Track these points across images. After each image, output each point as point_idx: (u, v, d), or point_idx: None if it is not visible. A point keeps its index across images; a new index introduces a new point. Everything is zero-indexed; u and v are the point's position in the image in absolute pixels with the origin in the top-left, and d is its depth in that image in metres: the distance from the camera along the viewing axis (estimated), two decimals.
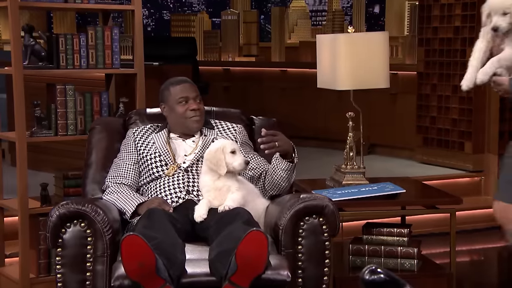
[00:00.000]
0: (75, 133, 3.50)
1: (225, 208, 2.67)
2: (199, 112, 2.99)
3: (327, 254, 2.70)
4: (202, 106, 3.04)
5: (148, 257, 2.32)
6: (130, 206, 2.76)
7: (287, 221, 2.68)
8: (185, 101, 2.99)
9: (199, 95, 3.04)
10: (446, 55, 5.77)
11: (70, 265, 2.60)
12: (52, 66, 3.47)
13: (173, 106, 3.01)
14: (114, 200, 2.80)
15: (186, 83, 3.04)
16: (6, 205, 3.52)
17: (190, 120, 2.98)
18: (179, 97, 2.99)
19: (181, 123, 3.00)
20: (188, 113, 2.98)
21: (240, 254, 2.36)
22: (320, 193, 3.01)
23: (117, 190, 2.84)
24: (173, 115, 3.02)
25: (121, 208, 2.77)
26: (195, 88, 3.05)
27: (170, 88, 3.03)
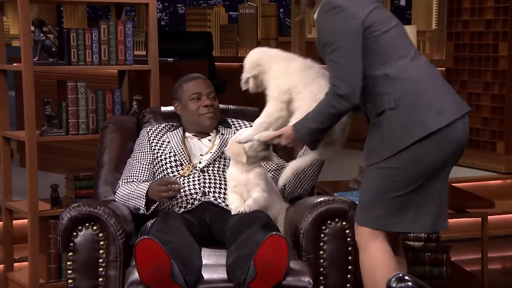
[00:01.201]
0: (86, 132, 3.52)
1: (243, 211, 2.67)
2: (212, 109, 3.00)
3: (351, 259, 2.70)
4: (216, 102, 3.05)
5: (164, 262, 2.33)
6: (139, 200, 2.76)
7: (309, 225, 2.69)
8: (198, 97, 3.01)
9: (213, 91, 3.06)
10: (477, 50, 5.73)
11: (81, 270, 2.63)
12: (63, 62, 3.50)
13: (186, 104, 3.03)
14: (124, 201, 2.82)
15: (199, 79, 3.06)
16: (15, 207, 3.56)
17: (203, 117, 3.00)
18: (191, 93, 3.01)
19: (195, 121, 3.02)
20: (201, 109, 3.00)
21: (259, 260, 2.36)
22: (343, 195, 3.01)
23: (124, 189, 2.85)
24: (186, 113, 3.04)
25: (134, 206, 2.79)
26: (208, 84, 3.07)
27: (183, 85, 3.05)
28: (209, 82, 3.09)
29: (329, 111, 2.44)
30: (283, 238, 2.38)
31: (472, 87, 5.76)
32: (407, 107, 2.38)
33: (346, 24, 2.39)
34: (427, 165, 2.40)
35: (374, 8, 2.45)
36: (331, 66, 2.43)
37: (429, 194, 2.44)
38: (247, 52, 2.84)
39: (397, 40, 2.47)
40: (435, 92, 2.42)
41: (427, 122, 2.37)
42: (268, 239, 2.37)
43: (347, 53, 2.38)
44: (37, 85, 3.44)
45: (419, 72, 2.44)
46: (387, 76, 2.41)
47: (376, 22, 2.43)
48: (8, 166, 3.60)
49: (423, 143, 2.37)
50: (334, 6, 2.40)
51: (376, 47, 2.42)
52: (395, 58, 2.43)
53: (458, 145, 2.42)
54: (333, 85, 2.41)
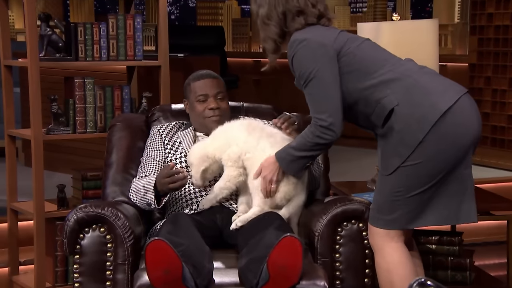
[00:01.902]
0: (94, 131, 3.55)
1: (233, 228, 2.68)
2: (218, 111, 3.00)
3: (368, 263, 2.70)
4: (224, 103, 3.03)
5: (175, 264, 2.35)
6: (149, 194, 2.78)
7: (324, 226, 2.69)
8: (204, 99, 3.01)
9: (223, 91, 3.04)
10: (502, 44, 5.71)
11: (88, 273, 2.65)
12: (70, 58, 3.52)
13: (193, 104, 3.04)
14: (137, 197, 2.84)
15: (207, 79, 3.03)
16: (21, 208, 3.58)
17: (209, 120, 3.00)
18: (198, 94, 3.01)
19: (201, 123, 3.03)
20: (206, 112, 3.00)
21: (273, 262, 2.37)
22: (360, 196, 3.01)
23: (136, 185, 2.87)
24: (193, 113, 3.05)
25: (146, 201, 2.80)
26: (217, 83, 3.04)
27: (191, 83, 3.05)
28: (218, 80, 3.05)
29: (315, 141, 2.54)
30: (297, 239, 2.39)
31: (497, 84, 5.74)
32: (410, 100, 2.44)
33: (316, 54, 2.49)
34: (448, 153, 2.42)
35: (339, 33, 2.57)
36: (308, 99, 2.52)
37: (452, 185, 2.47)
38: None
39: (375, 48, 2.59)
40: (432, 80, 2.49)
41: (435, 105, 2.42)
42: (282, 241, 2.37)
43: (322, 83, 2.48)
44: (43, 82, 3.47)
45: (410, 68, 2.53)
46: (379, 82, 2.49)
47: (347, 41, 2.54)
48: (13, 166, 3.64)
49: (440, 128, 2.40)
50: (300, 40, 2.52)
51: (357, 61, 2.51)
52: (380, 64, 2.52)
53: (471, 125, 2.45)
54: (315, 118, 2.52)
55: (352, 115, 2.59)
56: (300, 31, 2.57)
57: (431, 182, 2.45)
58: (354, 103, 2.54)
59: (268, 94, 7.33)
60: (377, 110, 2.48)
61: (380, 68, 2.50)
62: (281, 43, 2.62)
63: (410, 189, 2.45)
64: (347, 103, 2.55)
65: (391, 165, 2.47)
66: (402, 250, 2.51)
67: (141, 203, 2.84)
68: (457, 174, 2.47)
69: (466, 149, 2.47)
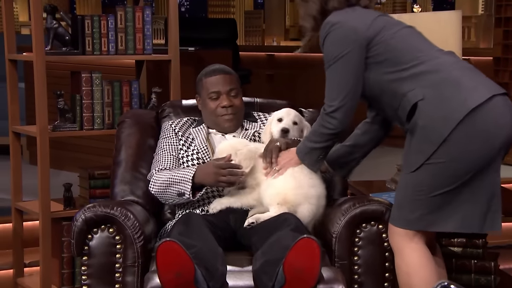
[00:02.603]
0: (102, 127, 3.56)
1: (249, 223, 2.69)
2: (231, 110, 3.00)
3: (388, 266, 2.70)
4: (238, 101, 3.03)
5: (187, 266, 2.36)
6: (184, 184, 2.79)
7: (342, 228, 2.70)
8: (216, 96, 3.01)
9: (236, 87, 3.04)
10: None
11: (97, 275, 2.66)
12: (77, 51, 3.54)
13: (205, 100, 3.05)
14: (163, 188, 2.83)
15: (219, 75, 3.03)
16: (26, 208, 3.61)
17: (221, 119, 3.01)
18: (210, 91, 3.01)
19: (213, 120, 3.04)
20: (218, 110, 3.01)
21: (289, 265, 2.37)
22: (380, 196, 3.01)
23: (161, 176, 2.87)
24: (206, 110, 3.06)
25: (176, 191, 2.81)
26: (230, 79, 3.04)
27: (203, 79, 3.06)
28: (231, 76, 3.05)
29: (321, 131, 2.57)
30: (315, 241, 2.39)
31: None
32: (438, 95, 2.40)
33: (345, 39, 2.48)
34: (475, 154, 2.39)
35: (376, 17, 2.53)
36: (326, 84, 2.53)
37: (478, 189, 2.43)
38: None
39: (411, 38, 2.54)
40: (465, 76, 2.44)
41: (464, 102, 2.37)
42: (299, 243, 2.37)
43: (342, 69, 2.48)
44: (49, 76, 3.48)
45: (444, 62, 2.48)
46: (409, 75, 2.46)
47: (383, 28, 2.51)
48: (18, 164, 3.66)
49: (466, 127, 2.36)
50: (333, 23, 2.51)
51: (389, 50, 2.48)
52: (413, 55, 2.48)
53: (503, 126, 2.40)
54: (324, 105, 2.55)
55: (380, 107, 2.58)
56: (337, 12, 2.54)
57: (455, 184, 2.42)
58: (381, 94, 2.53)
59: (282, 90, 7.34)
60: (402, 104, 2.46)
61: (412, 60, 2.46)
62: (321, 21, 2.57)
63: (433, 188, 2.43)
64: (374, 94, 2.53)
65: (415, 162, 2.46)
66: (423, 251, 2.50)
67: (169, 194, 2.83)
68: (484, 178, 2.42)
69: (495, 151, 2.41)
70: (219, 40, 6.88)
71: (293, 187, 2.71)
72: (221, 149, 2.85)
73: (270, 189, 2.74)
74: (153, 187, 2.88)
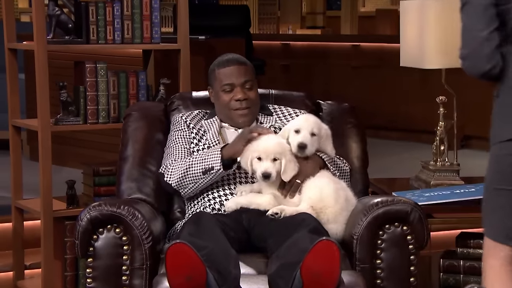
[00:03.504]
0: (107, 121, 3.56)
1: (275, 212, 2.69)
2: (245, 103, 2.99)
3: (413, 270, 2.69)
4: (253, 93, 3.02)
5: (198, 270, 2.36)
6: (211, 158, 2.80)
7: (363, 229, 2.68)
8: (230, 89, 3.01)
9: (251, 79, 3.03)
10: None
11: (102, 278, 2.66)
12: (81, 40, 3.54)
13: (218, 93, 3.04)
14: (184, 170, 2.84)
15: (233, 66, 3.02)
16: (26, 206, 3.61)
17: (235, 113, 3.00)
18: (223, 83, 3.01)
19: (226, 114, 3.03)
20: (232, 104, 3.00)
21: (307, 269, 2.37)
22: (403, 195, 2.99)
23: (181, 163, 2.87)
24: (219, 103, 3.05)
25: (203, 167, 2.81)
26: (245, 71, 3.03)
27: (216, 70, 3.05)
28: (246, 67, 3.05)
29: None
30: (334, 243, 2.38)
31: None
32: (503, 102, 2.25)
33: None
34: None
35: None
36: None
37: None
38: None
39: None
40: None
41: None
42: (317, 245, 2.37)
43: (470, 11, 2.27)
44: (51, 67, 3.49)
45: None
46: None
47: None
48: (18, 160, 3.66)
49: None
50: None
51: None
52: None
53: None
54: None
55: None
56: None
57: None
58: None
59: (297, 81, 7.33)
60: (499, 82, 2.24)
61: None
62: None
63: (498, 179, 2.19)
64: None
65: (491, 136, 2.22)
66: (498, 273, 2.19)
67: (191, 176, 2.83)
68: None
69: None
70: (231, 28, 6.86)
71: (334, 203, 2.73)
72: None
73: (314, 190, 2.75)
74: (171, 175, 2.88)
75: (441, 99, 3.39)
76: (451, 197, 3.15)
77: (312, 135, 2.83)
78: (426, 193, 3.20)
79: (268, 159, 2.74)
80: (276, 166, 2.74)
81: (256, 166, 2.75)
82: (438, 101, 3.39)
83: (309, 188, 2.76)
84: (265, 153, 2.75)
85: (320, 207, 2.72)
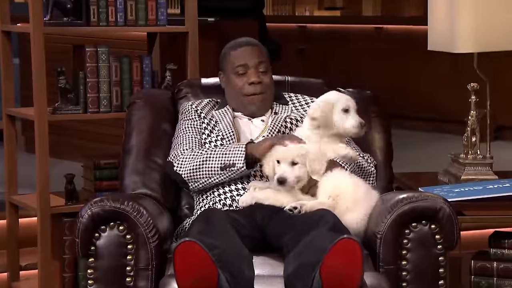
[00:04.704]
0: (109, 110, 3.58)
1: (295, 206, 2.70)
2: (260, 88, 3.01)
3: (442, 273, 2.70)
4: (268, 78, 3.04)
5: (209, 270, 2.37)
6: (235, 153, 2.81)
7: (387, 228, 2.69)
8: (244, 71, 3.02)
9: (266, 62, 3.04)
10: None
11: (105, 279, 2.67)
12: (81, 22, 3.55)
13: (229, 77, 3.05)
14: (200, 162, 2.85)
15: (247, 46, 3.05)
16: (22, 202, 3.64)
17: (248, 100, 3.02)
18: (236, 65, 3.02)
19: (238, 100, 3.04)
20: (246, 88, 3.01)
21: (327, 269, 2.37)
22: (431, 191, 3.00)
23: (194, 153, 2.89)
24: (230, 88, 3.06)
25: (221, 164, 2.83)
26: (259, 52, 3.05)
27: (228, 53, 3.07)
28: (260, 49, 3.07)
29: None
30: (356, 242, 2.39)
31: None
32: None
33: None
34: None
35: None
36: None
37: None
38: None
39: None
40: None
41: None
42: (338, 244, 2.37)
43: None
44: (48, 51, 3.50)
45: None
46: None
47: None
48: (12, 152, 3.69)
49: None
50: None
51: None
52: None
53: None
54: None
55: None
56: None
57: None
58: None
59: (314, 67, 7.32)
60: None
61: None
62: None
63: None
64: None
65: None
66: None
67: (207, 169, 2.85)
68: None
69: None
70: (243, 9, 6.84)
71: (354, 189, 2.76)
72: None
73: (332, 180, 2.76)
74: (182, 165, 2.89)
75: (473, 86, 3.38)
76: (483, 193, 3.15)
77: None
78: (456, 189, 3.21)
79: (286, 163, 2.75)
80: (295, 170, 2.75)
81: (276, 170, 2.76)
82: (469, 88, 3.38)
83: (326, 180, 2.77)
84: (283, 156, 2.76)
85: (338, 194, 2.74)
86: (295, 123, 3.02)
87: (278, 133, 2.96)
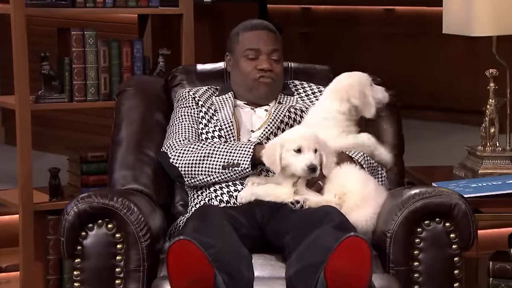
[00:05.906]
0: (97, 98, 3.59)
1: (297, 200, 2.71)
2: (269, 76, 3.02)
3: (457, 274, 2.71)
4: (279, 68, 3.05)
5: (205, 271, 2.37)
6: (240, 152, 2.83)
7: (398, 226, 2.70)
8: (255, 56, 3.03)
9: (280, 50, 3.06)
10: None
11: (92, 282, 2.68)
12: (66, 3, 3.55)
13: (238, 60, 3.06)
14: (203, 155, 2.87)
15: (264, 30, 3.06)
16: (2, 198, 3.65)
17: (256, 83, 3.02)
18: (246, 47, 3.03)
19: (245, 85, 3.05)
20: (254, 73, 3.02)
21: (332, 271, 2.38)
22: (445, 186, 3.01)
23: (193, 145, 2.90)
24: (237, 72, 3.07)
25: (223, 161, 2.84)
26: (274, 39, 3.06)
27: (240, 34, 3.07)
28: (276, 36, 3.08)
29: None
30: (364, 241, 2.39)
31: None
32: None
33: None
34: None
35: None
36: None
37: None
38: None
39: None
40: None
41: None
42: (344, 243, 2.38)
43: None
44: (30, 35, 3.51)
45: None
46: None
47: None
48: None
49: None
50: None
51: None
52: None
53: None
54: None
55: None
56: None
57: None
58: None
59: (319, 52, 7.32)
60: None
61: None
62: None
63: None
64: None
65: None
66: None
67: (207, 166, 2.86)
68: None
69: None
70: None
71: (362, 185, 2.78)
72: None
73: (339, 176, 2.78)
74: (179, 157, 2.90)
75: (492, 72, 3.39)
76: (502, 188, 3.16)
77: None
78: (473, 184, 3.21)
79: (310, 150, 2.75)
80: (318, 158, 2.76)
81: (291, 160, 2.76)
82: (487, 75, 3.39)
83: (334, 176, 2.79)
84: (307, 143, 2.76)
85: (345, 193, 2.76)
86: (299, 114, 3.03)
87: (280, 123, 2.97)
